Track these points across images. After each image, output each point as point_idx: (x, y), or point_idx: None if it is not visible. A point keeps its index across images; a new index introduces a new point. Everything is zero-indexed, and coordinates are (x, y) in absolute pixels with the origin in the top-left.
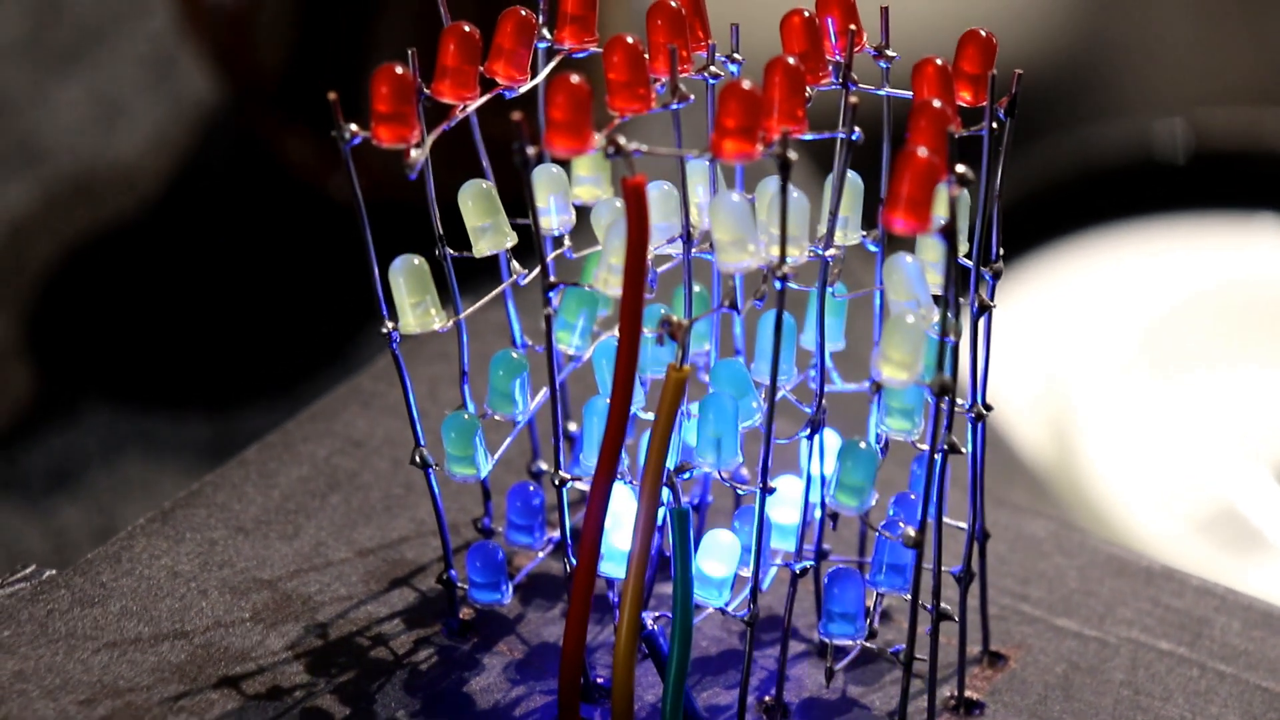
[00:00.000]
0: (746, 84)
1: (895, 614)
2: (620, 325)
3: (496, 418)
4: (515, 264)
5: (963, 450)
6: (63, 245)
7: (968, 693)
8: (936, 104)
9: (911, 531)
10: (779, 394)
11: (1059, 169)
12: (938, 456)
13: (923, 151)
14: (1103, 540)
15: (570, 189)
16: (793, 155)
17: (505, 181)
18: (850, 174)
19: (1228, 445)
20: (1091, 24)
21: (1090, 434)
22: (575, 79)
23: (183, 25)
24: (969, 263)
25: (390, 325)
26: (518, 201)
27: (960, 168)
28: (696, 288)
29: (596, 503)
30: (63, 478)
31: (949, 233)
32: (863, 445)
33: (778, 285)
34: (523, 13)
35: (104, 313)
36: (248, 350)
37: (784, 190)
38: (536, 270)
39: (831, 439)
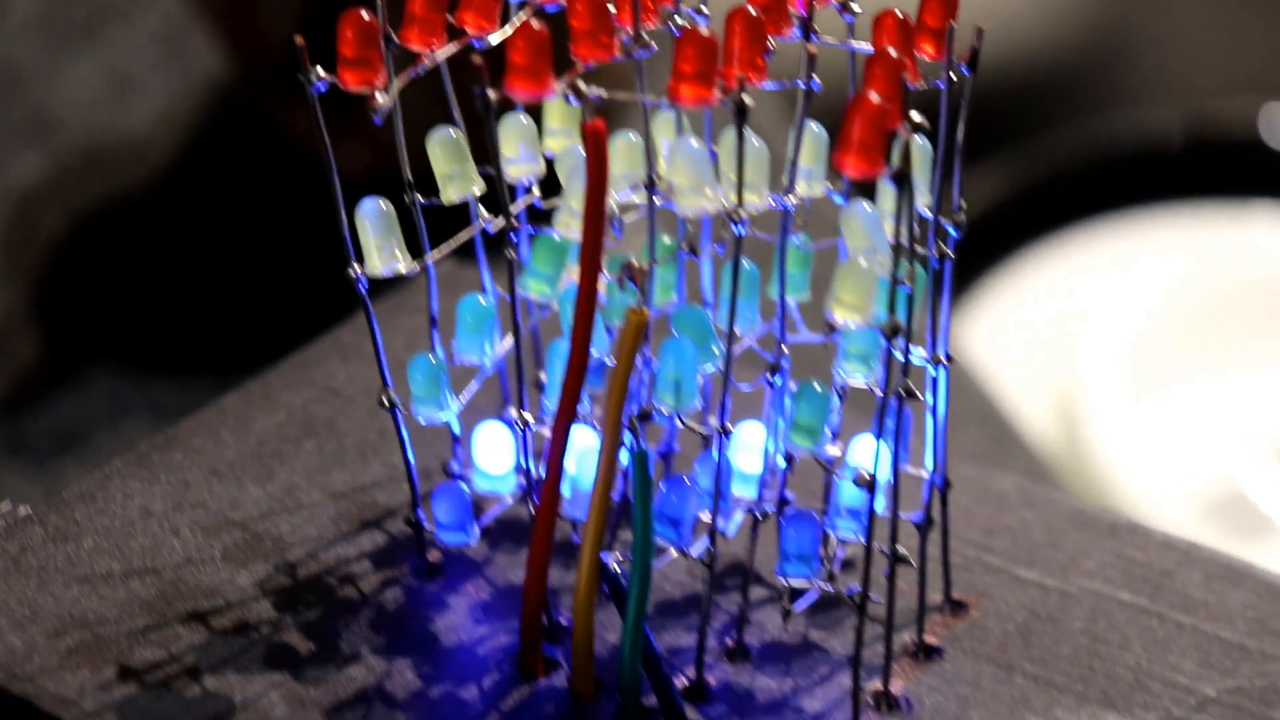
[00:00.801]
0: (705, 31)
1: (858, 562)
2: (579, 267)
3: (464, 362)
4: (484, 211)
5: (919, 396)
6: (73, 215)
7: (927, 638)
8: (892, 52)
9: (865, 473)
10: (744, 342)
11: (1071, 155)
12: (891, 398)
13: (874, 96)
14: (1069, 495)
15: (542, 140)
16: (750, 102)
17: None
18: (814, 126)
19: (1234, 431)
20: (1107, 11)
21: (1097, 420)
22: (536, 24)
23: (194, 1)
24: (929, 214)
25: (357, 268)
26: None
27: (915, 115)
28: (666, 239)
29: (557, 444)
30: (68, 442)
31: (900, 178)
32: (817, 387)
33: (735, 230)
34: None
35: (112, 281)
36: (254, 319)
37: (741, 136)
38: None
39: (792, 387)
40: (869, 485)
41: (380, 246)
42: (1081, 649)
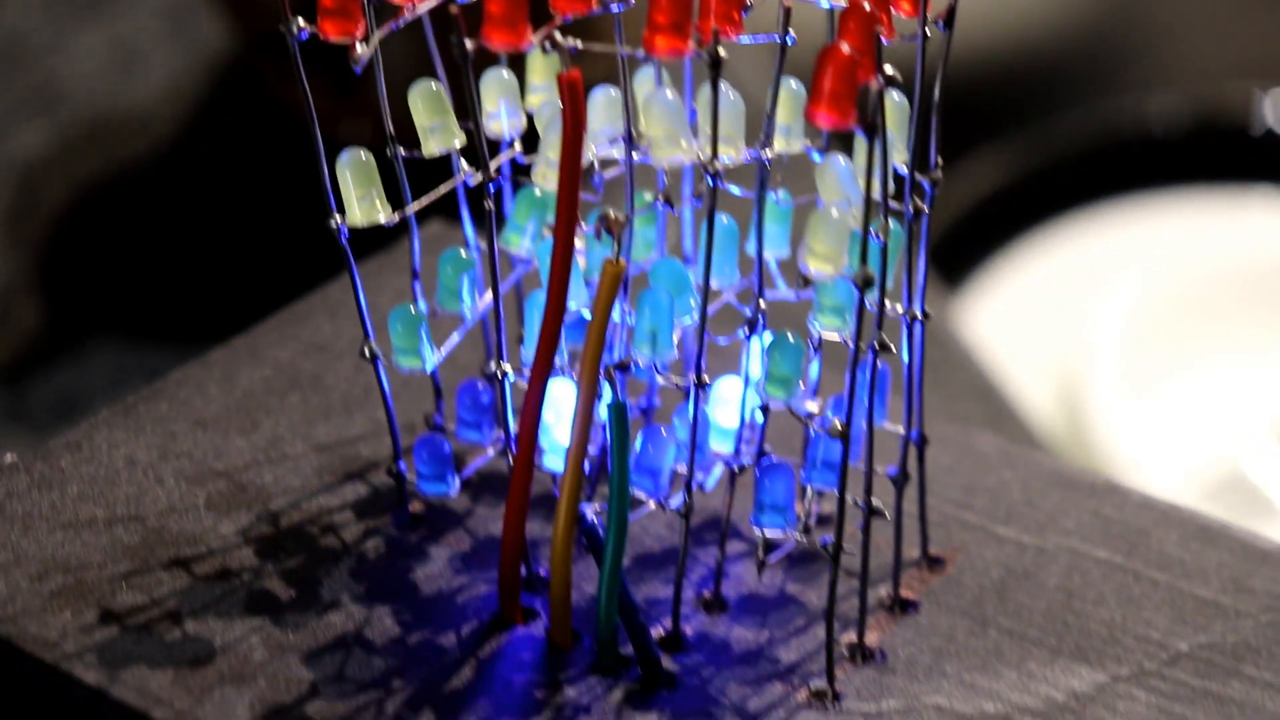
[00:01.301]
0: None
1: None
2: (555, 217)
3: (445, 315)
4: (464, 164)
5: (893, 349)
6: (76, 186)
7: (903, 593)
8: (866, 6)
9: (838, 423)
10: (722, 297)
11: (1075, 140)
12: (864, 349)
13: (845, 47)
14: (1049, 456)
15: (525, 97)
16: (724, 54)
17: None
18: (793, 83)
19: (1235, 413)
20: None
21: (1098, 402)
22: None
23: None
24: (905, 170)
25: (338, 218)
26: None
27: (888, 68)
28: (648, 196)
29: (534, 393)
30: (68, 410)
31: (870, 128)
32: (791, 338)
33: (710, 182)
34: None
35: (115, 252)
36: (255, 289)
37: (715, 87)
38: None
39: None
40: (842, 436)
41: (361, 197)
42: (1056, 604)
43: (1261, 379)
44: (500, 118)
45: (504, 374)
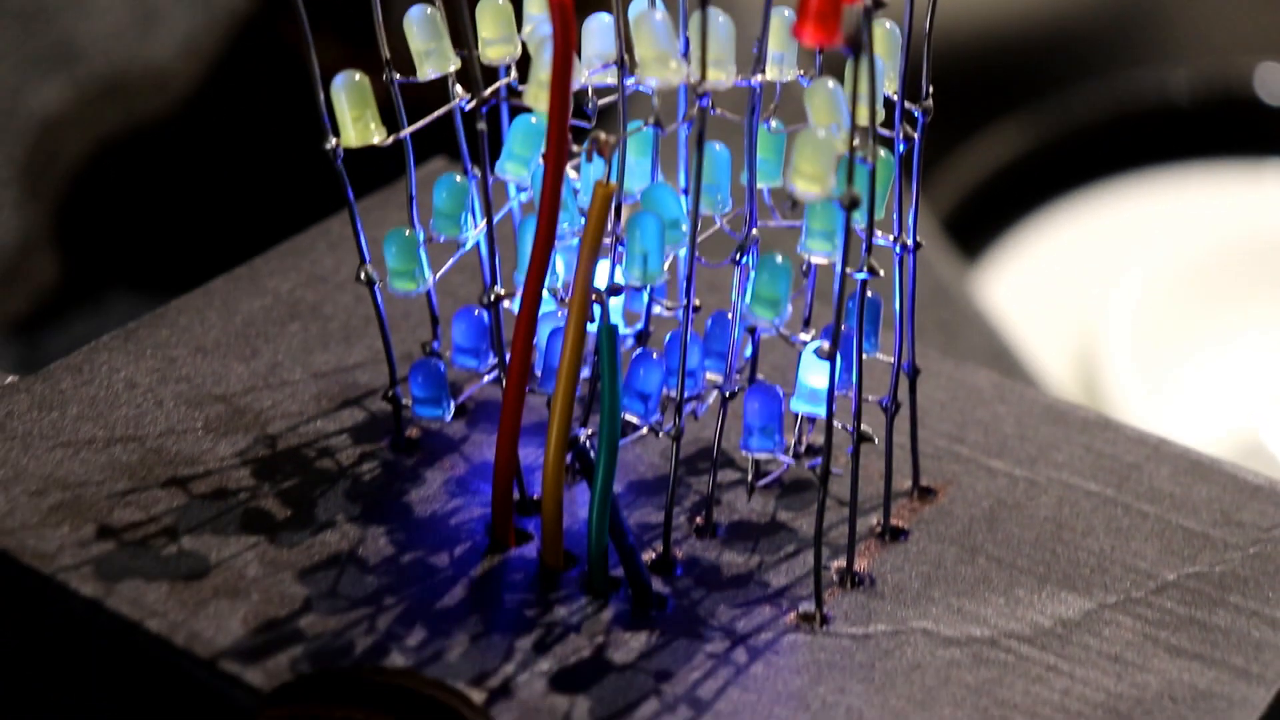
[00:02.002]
0: None
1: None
2: (547, 137)
3: (441, 240)
4: (459, 88)
5: (881, 272)
6: (94, 142)
7: (894, 522)
8: None
9: (825, 344)
10: (715, 225)
11: (1089, 113)
12: (851, 273)
13: None
14: (1043, 392)
15: (521, 29)
16: None
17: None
18: (786, 10)
19: (1252, 384)
20: None
21: (1115, 373)
22: None
23: None
24: (895, 97)
25: (333, 141)
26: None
27: None
28: (645, 126)
29: (525, 317)
30: None
31: (856, 46)
32: (778, 259)
33: (699, 104)
34: None
35: (132, 206)
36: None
37: (705, 7)
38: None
39: None
40: (829, 357)
41: (355, 119)
42: (1046, 535)
43: (1279, 349)
44: (496, 44)
45: (498, 298)
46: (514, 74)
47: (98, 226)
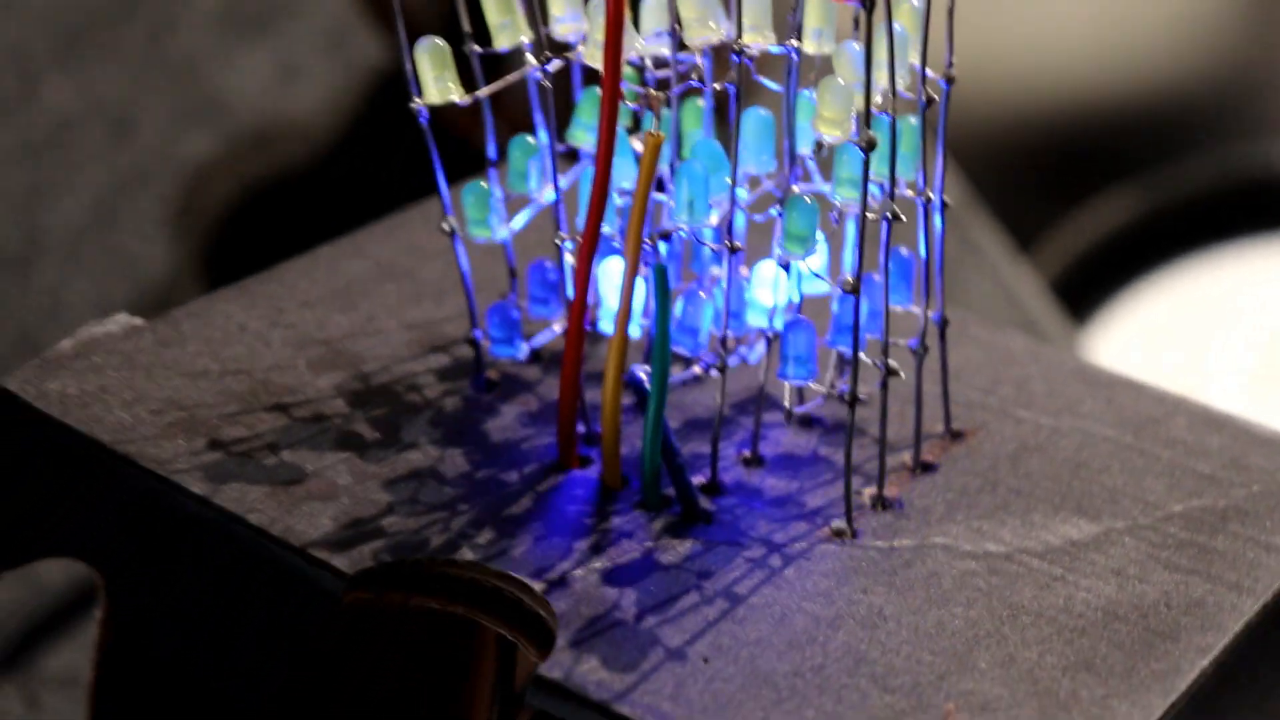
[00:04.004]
0: None
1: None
2: (602, 91)
3: (514, 196)
4: (530, 58)
5: (903, 219)
6: (239, 188)
7: (924, 457)
8: None
9: (850, 278)
10: (761, 185)
11: (1203, 182)
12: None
13: None
14: (1075, 357)
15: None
16: None
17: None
18: None
19: None
20: (1240, 42)
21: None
22: None
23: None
24: (918, 65)
25: (417, 101)
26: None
27: None
28: (699, 102)
29: (584, 257)
30: None
31: (870, 5)
32: (807, 199)
33: (735, 60)
34: None
35: (273, 248)
36: None
37: None
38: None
39: None
40: (853, 290)
41: (435, 79)
42: (1064, 471)
43: None
44: (565, 21)
45: (562, 242)
46: (582, 49)
47: (240, 266)
